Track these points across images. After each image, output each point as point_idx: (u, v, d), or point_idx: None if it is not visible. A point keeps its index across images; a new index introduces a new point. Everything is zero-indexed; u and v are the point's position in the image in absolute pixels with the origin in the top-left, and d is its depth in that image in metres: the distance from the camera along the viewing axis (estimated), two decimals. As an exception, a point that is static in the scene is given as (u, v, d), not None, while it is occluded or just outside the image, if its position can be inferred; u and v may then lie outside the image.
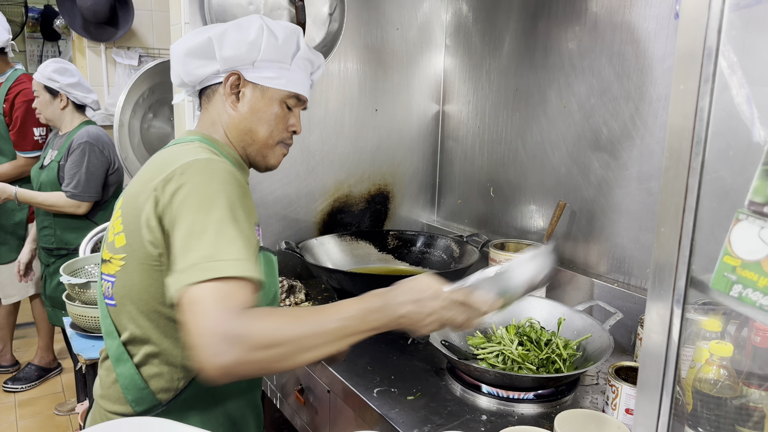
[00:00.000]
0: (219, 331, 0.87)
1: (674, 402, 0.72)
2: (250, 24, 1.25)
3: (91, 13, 3.74)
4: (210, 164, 1.08)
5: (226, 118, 1.28)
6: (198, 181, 1.05)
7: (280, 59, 1.26)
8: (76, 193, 2.86)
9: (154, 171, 1.11)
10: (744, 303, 0.61)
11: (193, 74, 1.28)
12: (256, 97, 1.27)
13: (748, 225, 0.61)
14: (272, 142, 1.31)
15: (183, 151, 1.15)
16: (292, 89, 1.29)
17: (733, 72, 0.65)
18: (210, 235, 0.97)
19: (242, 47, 1.23)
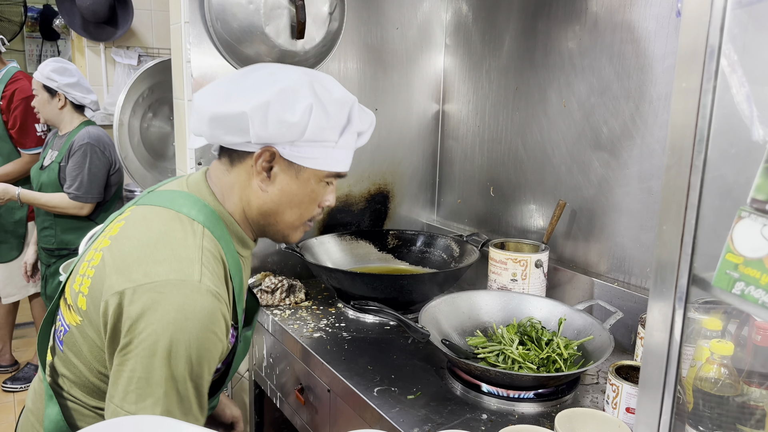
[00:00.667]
0: None
1: (675, 401, 0.72)
2: (297, 99, 1.04)
3: (91, 13, 3.74)
4: (193, 297, 0.97)
5: (251, 195, 1.12)
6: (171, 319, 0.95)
7: (325, 138, 1.08)
8: (79, 195, 2.87)
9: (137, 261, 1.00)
10: (746, 300, 0.61)
11: (219, 139, 1.09)
12: (290, 177, 1.11)
13: (751, 222, 0.61)
14: (299, 223, 1.17)
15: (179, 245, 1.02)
16: (335, 169, 1.13)
17: (733, 70, 0.65)
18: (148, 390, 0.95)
19: (283, 128, 1.04)
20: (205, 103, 1.08)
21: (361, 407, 1.43)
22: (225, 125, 1.05)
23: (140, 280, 0.98)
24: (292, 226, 1.17)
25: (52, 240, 3.01)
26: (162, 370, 0.95)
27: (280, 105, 1.03)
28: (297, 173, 1.11)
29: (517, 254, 1.86)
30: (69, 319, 1.10)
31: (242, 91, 1.06)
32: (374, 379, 1.50)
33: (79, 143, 2.88)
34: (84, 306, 1.05)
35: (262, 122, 1.03)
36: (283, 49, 1.90)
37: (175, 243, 1.03)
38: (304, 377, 1.73)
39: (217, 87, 1.10)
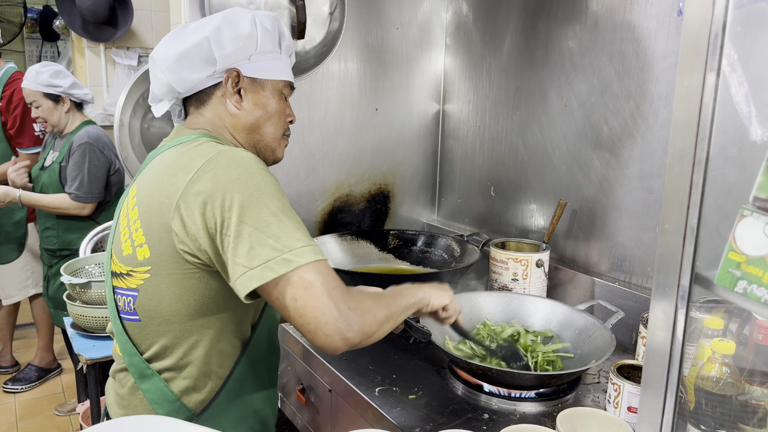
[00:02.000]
0: (341, 308, 0.99)
1: (678, 400, 0.72)
2: (240, 17, 1.19)
3: (91, 14, 3.73)
4: (237, 155, 1.06)
5: (230, 119, 1.22)
6: (237, 175, 1.02)
7: (272, 49, 1.23)
8: (80, 195, 2.87)
9: (173, 173, 1.07)
10: (749, 299, 0.61)
11: (186, 80, 1.18)
12: (258, 92, 1.23)
13: (753, 221, 0.61)
14: (279, 136, 1.28)
15: (196, 149, 1.10)
16: (286, 77, 1.27)
17: (733, 70, 0.65)
18: (276, 228, 1.00)
19: (239, 42, 1.17)
20: (166, 51, 1.18)
21: (363, 407, 1.43)
22: (190, 60, 1.16)
23: (185, 177, 1.05)
24: (274, 138, 1.28)
25: (54, 240, 3.01)
26: (263, 212, 1.00)
27: (230, 25, 1.18)
28: (261, 87, 1.23)
29: (518, 254, 1.86)
30: (132, 283, 1.13)
31: (192, 30, 1.18)
32: (375, 379, 1.50)
33: (78, 143, 2.87)
34: (148, 252, 1.09)
35: (222, 43, 1.16)
36: (284, 49, 1.90)
37: (191, 148, 1.11)
38: (306, 377, 1.73)
39: (169, 38, 1.21)
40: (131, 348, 1.16)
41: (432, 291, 1.29)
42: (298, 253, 0.99)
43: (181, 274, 1.08)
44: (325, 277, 1.00)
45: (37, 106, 2.91)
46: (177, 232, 1.05)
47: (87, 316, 2.05)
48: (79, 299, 2.09)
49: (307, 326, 1.00)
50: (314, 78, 2.16)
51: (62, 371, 3.76)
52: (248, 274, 0.99)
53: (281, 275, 0.98)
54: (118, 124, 2.50)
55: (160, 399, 1.14)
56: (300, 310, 0.99)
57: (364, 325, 1.02)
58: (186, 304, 1.10)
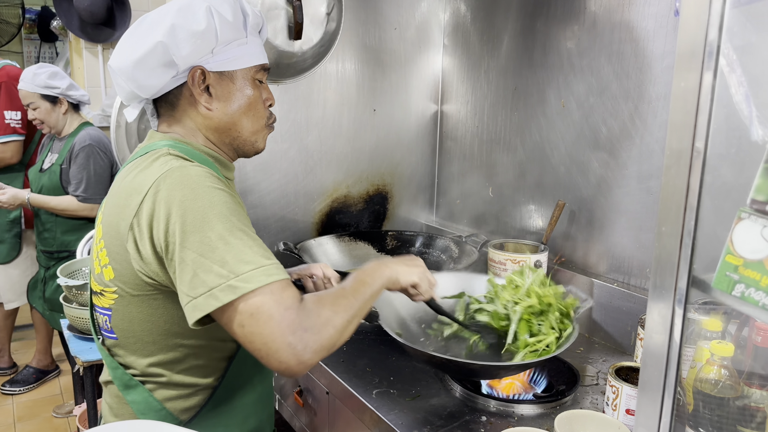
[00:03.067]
0: (294, 330, 0.94)
1: (676, 402, 0.71)
2: (194, 10, 1.09)
3: (88, 14, 3.73)
4: (184, 173, 1.01)
5: (202, 120, 1.16)
6: (181, 197, 0.98)
7: (236, 36, 1.13)
8: (88, 197, 2.88)
9: (128, 194, 1.04)
10: (746, 302, 0.61)
11: (148, 86, 1.11)
12: (228, 85, 1.15)
13: (751, 224, 0.61)
14: (258, 127, 1.21)
15: (151, 165, 1.05)
16: (258, 61, 1.18)
17: (732, 70, 0.64)
18: (221, 253, 0.95)
19: (197, 40, 1.08)
20: (122, 59, 1.11)
21: (360, 409, 1.42)
22: (148, 66, 1.09)
23: (137, 198, 1.01)
24: (253, 131, 1.21)
25: (51, 242, 3.01)
26: (207, 236, 0.96)
27: (184, 21, 1.08)
28: (231, 80, 1.15)
29: (517, 255, 1.85)
30: (105, 303, 1.11)
31: (146, 32, 1.10)
32: (373, 381, 1.49)
33: (80, 145, 2.88)
34: (112, 273, 1.07)
35: (178, 44, 1.07)
36: (280, 49, 1.89)
37: (146, 165, 1.06)
38: (303, 379, 1.72)
39: (123, 43, 1.14)
40: (112, 362, 1.14)
41: (399, 267, 1.23)
42: (245, 278, 0.93)
43: (145, 296, 1.06)
44: (275, 300, 0.94)
45: (35, 107, 2.90)
46: (132, 256, 1.02)
47: (84, 318, 2.04)
48: (76, 301, 2.08)
49: (258, 353, 0.95)
50: (312, 79, 2.16)
51: (60, 373, 3.75)
52: (192, 303, 0.95)
53: (226, 303, 0.93)
54: (115, 125, 2.49)
55: (145, 409, 1.13)
56: (248, 336, 0.94)
57: (323, 342, 0.97)
58: (156, 324, 1.08)
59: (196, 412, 1.15)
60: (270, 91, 1.24)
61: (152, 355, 1.11)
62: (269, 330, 0.93)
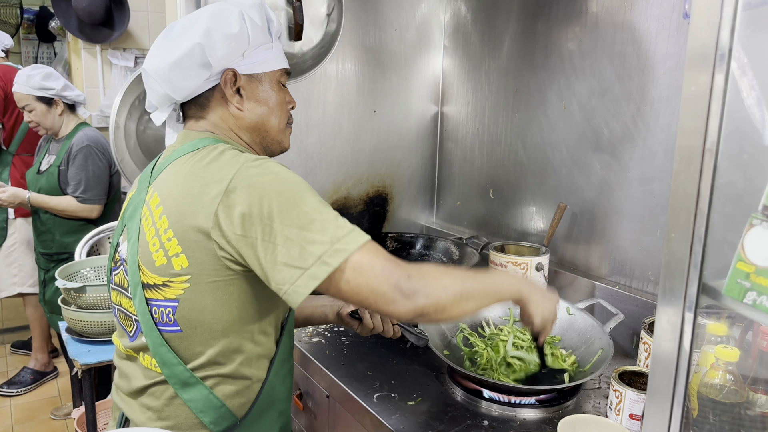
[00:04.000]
0: (398, 274, 1.00)
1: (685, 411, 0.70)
2: (227, 14, 1.16)
3: (87, 15, 3.71)
4: (260, 162, 1.07)
5: (234, 121, 1.21)
6: (269, 182, 1.03)
7: (264, 40, 1.20)
8: (87, 198, 2.87)
9: (204, 183, 1.06)
10: (758, 310, 0.60)
11: (183, 88, 1.17)
12: (257, 87, 1.21)
13: (762, 230, 0.60)
14: (283, 127, 1.27)
15: (221, 157, 1.09)
16: (282, 65, 1.25)
17: (743, 73, 0.63)
18: (320, 223, 1.01)
19: (231, 42, 1.14)
20: (158, 62, 1.16)
21: (361, 413, 1.41)
22: (185, 68, 1.14)
23: (219, 187, 1.04)
24: (279, 130, 1.26)
25: (51, 244, 2.99)
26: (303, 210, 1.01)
27: (219, 24, 1.14)
28: (259, 82, 1.21)
29: (518, 257, 1.84)
30: (170, 294, 1.10)
31: (180, 35, 1.15)
32: (374, 385, 1.48)
33: (78, 146, 2.86)
34: (186, 261, 1.07)
35: (214, 46, 1.13)
36: (281, 50, 1.88)
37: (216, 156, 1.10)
38: (303, 382, 1.71)
39: (158, 47, 1.18)
40: (173, 358, 1.12)
41: (534, 293, 1.22)
42: (346, 241, 1.00)
43: (222, 282, 1.08)
44: (374, 253, 1.01)
45: (30, 110, 2.89)
46: (217, 242, 1.04)
47: (82, 320, 2.03)
48: (74, 303, 2.07)
49: (367, 301, 1.01)
50: (312, 80, 2.15)
51: (58, 374, 3.73)
52: (307, 274, 0.99)
53: (337, 267, 0.99)
54: (114, 126, 2.48)
55: (205, 406, 1.13)
56: (354, 289, 1.00)
57: (429, 291, 1.02)
58: (228, 310, 1.10)
59: (250, 407, 1.17)
60: (290, 94, 1.30)
61: (217, 345, 1.12)
62: (374, 278, 1.00)
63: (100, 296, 2.03)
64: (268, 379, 1.18)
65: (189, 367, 1.12)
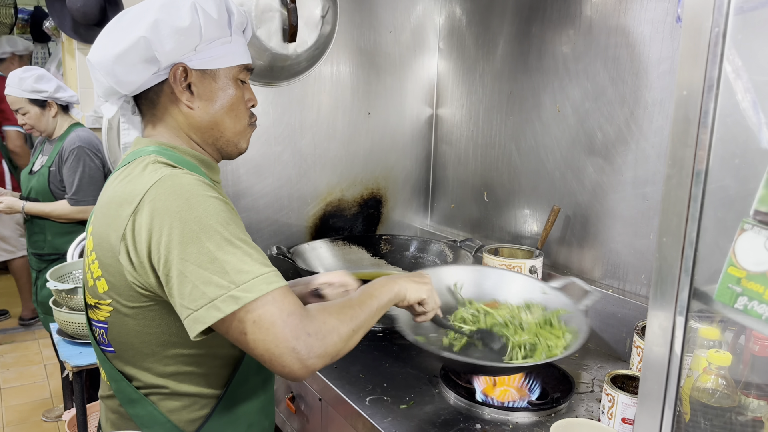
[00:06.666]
0: (298, 335, 0.94)
1: (676, 416, 0.70)
2: (178, 6, 1.07)
3: (81, 15, 3.69)
4: (176, 182, 0.99)
5: (184, 118, 1.13)
6: (176, 207, 0.96)
7: (220, 34, 1.11)
8: (79, 199, 2.85)
9: (119, 204, 1.01)
10: (749, 316, 0.60)
11: (128, 82, 1.09)
12: (210, 84, 1.13)
13: (754, 235, 0.59)
14: (241, 128, 1.19)
15: (141, 174, 1.03)
16: (241, 61, 1.16)
17: (738, 76, 0.63)
18: (220, 264, 0.93)
19: (181, 36, 1.06)
20: (102, 53, 1.09)
21: (353, 416, 1.41)
22: (129, 61, 1.06)
23: (129, 209, 0.99)
24: (236, 131, 1.18)
25: (42, 245, 2.98)
26: (205, 246, 0.94)
27: (168, 17, 1.06)
28: (213, 79, 1.13)
29: (511, 260, 1.84)
30: (101, 316, 1.09)
31: (127, 26, 1.08)
32: (366, 388, 1.48)
33: (69, 148, 2.85)
34: (106, 285, 1.04)
35: (161, 40, 1.05)
36: (275, 52, 1.87)
37: (135, 174, 1.04)
38: (295, 385, 1.70)
39: (103, 37, 1.11)
40: (116, 374, 1.11)
41: (408, 284, 1.23)
42: (246, 288, 0.93)
43: (141, 308, 1.03)
44: (278, 307, 0.94)
45: (24, 113, 2.87)
46: (126, 267, 1.00)
47: (73, 322, 2.02)
48: (66, 305, 2.06)
49: (261, 359, 0.95)
50: (306, 81, 2.14)
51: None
52: (192, 316, 0.93)
53: (228, 314, 0.92)
54: (107, 127, 2.47)
55: (149, 422, 1.10)
56: (251, 344, 0.94)
57: (326, 348, 0.97)
58: (154, 335, 1.06)
59: (202, 423, 1.12)
60: (252, 91, 1.22)
61: (153, 367, 1.08)
62: (272, 336, 0.93)
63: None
64: (225, 395, 1.13)
65: (133, 384, 1.10)
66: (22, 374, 3.78)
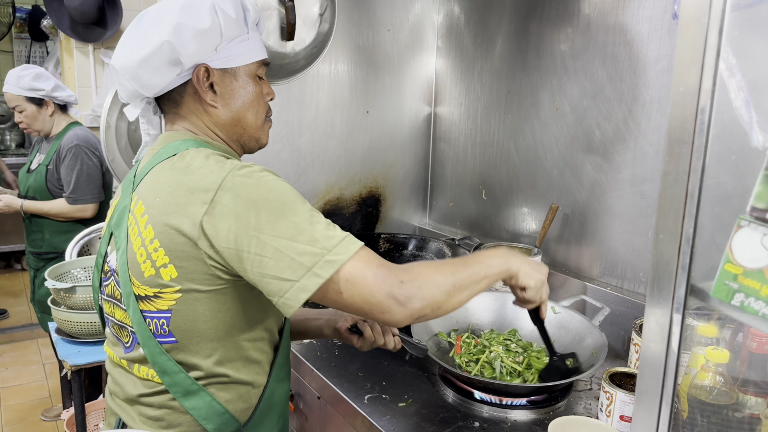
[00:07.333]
0: (391, 282, 0.99)
1: (673, 413, 0.70)
2: (198, 8, 1.10)
3: (79, 14, 3.69)
4: (248, 170, 1.03)
5: (209, 118, 1.17)
6: (256, 191, 1.00)
7: (239, 33, 1.14)
8: (77, 198, 2.85)
9: (188, 191, 1.02)
10: (746, 312, 0.60)
11: (153, 85, 1.12)
12: (231, 82, 1.16)
13: (750, 232, 0.59)
14: (261, 122, 1.23)
15: (205, 164, 1.05)
16: (259, 57, 1.19)
17: (731, 74, 0.63)
18: (310, 233, 0.98)
19: (202, 38, 1.09)
20: (126, 59, 1.11)
21: (352, 415, 1.41)
22: (153, 65, 1.09)
23: (204, 196, 1.01)
24: (257, 126, 1.22)
25: (40, 243, 2.97)
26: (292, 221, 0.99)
27: (189, 19, 1.09)
28: (234, 76, 1.17)
29: (510, 258, 1.84)
30: (163, 305, 1.07)
31: (148, 30, 1.11)
32: (365, 386, 1.48)
33: (67, 147, 2.84)
34: (175, 272, 1.04)
35: (184, 42, 1.08)
36: (273, 50, 1.87)
37: (199, 163, 1.06)
38: (294, 384, 1.70)
39: (125, 42, 1.14)
40: (173, 366, 1.10)
41: (523, 265, 1.19)
42: (337, 251, 0.98)
43: (214, 291, 1.05)
44: (366, 262, 0.99)
45: (21, 110, 2.87)
46: (205, 251, 1.01)
47: (72, 321, 2.01)
48: (64, 304, 2.06)
49: (362, 311, 1.00)
50: (304, 80, 2.14)
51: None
52: (297, 286, 0.97)
53: (328, 278, 0.97)
54: (105, 125, 2.47)
55: (208, 414, 1.11)
56: (348, 300, 0.99)
57: (424, 294, 1.00)
58: (222, 319, 1.08)
59: (252, 413, 1.15)
60: (269, 85, 1.25)
61: (215, 354, 1.10)
62: (368, 288, 0.98)
63: (90, 297, 2.01)
64: (268, 384, 1.17)
65: (191, 375, 1.10)
66: (21, 373, 3.78)
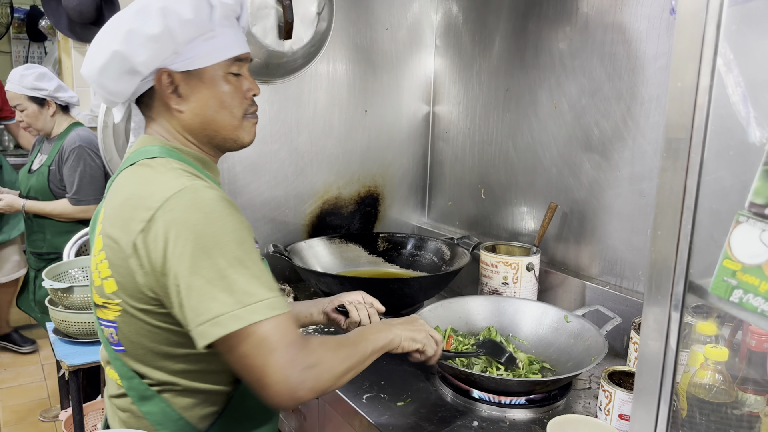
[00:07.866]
0: (295, 365, 0.94)
1: (671, 410, 0.70)
2: (147, 13, 1.04)
3: (77, 14, 3.69)
4: (198, 195, 0.98)
5: (177, 122, 1.13)
6: (194, 221, 0.96)
7: (201, 32, 1.07)
8: (80, 198, 2.84)
9: (134, 206, 1.01)
10: (745, 309, 0.59)
11: (117, 92, 1.10)
12: (197, 84, 1.10)
13: (749, 227, 0.59)
14: (237, 122, 1.15)
15: (158, 178, 1.03)
16: (229, 55, 1.11)
17: (729, 70, 0.63)
18: (229, 282, 0.94)
19: (154, 44, 1.04)
20: (87, 67, 1.09)
21: (350, 414, 1.40)
22: (111, 74, 1.07)
23: (145, 214, 0.98)
24: (232, 127, 1.16)
25: (41, 244, 2.97)
26: (217, 263, 0.94)
27: (139, 25, 1.04)
28: (200, 78, 1.10)
29: (509, 257, 1.84)
30: (110, 315, 1.08)
31: (105, 37, 1.08)
32: (363, 386, 1.47)
33: (70, 147, 2.84)
34: (114, 286, 1.03)
35: (134, 50, 1.04)
36: (271, 49, 1.87)
37: (153, 177, 1.04)
38: (293, 383, 1.70)
39: (90, 49, 1.11)
40: (128, 372, 1.10)
41: (403, 333, 1.21)
42: (251, 309, 0.93)
43: (150, 310, 1.03)
44: (280, 334, 0.94)
45: (22, 109, 2.87)
46: (136, 270, 1.00)
47: (69, 321, 2.01)
48: (62, 304, 2.05)
49: (254, 383, 0.95)
50: (302, 79, 2.14)
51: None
52: (197, 330, 0.94)
53: (231, 333, 0.92)
54: (102, 125, 2.46)
55: (162, 419, 1.09)
56: (247, 367, 0.94)
57: (318, 383, 0.97)
58: (164, 335, 1.05)
59: (214, 420, 1.12)
60: (252, 80, 1.18)
61: (164, 365, 1.08)
62: (271, 362, 0.93)
63: (88, 297, 2.01)
64: (237, 390, 1.13)
65: (145, 381, 1.09)
66: (20, 374, 3.78)
